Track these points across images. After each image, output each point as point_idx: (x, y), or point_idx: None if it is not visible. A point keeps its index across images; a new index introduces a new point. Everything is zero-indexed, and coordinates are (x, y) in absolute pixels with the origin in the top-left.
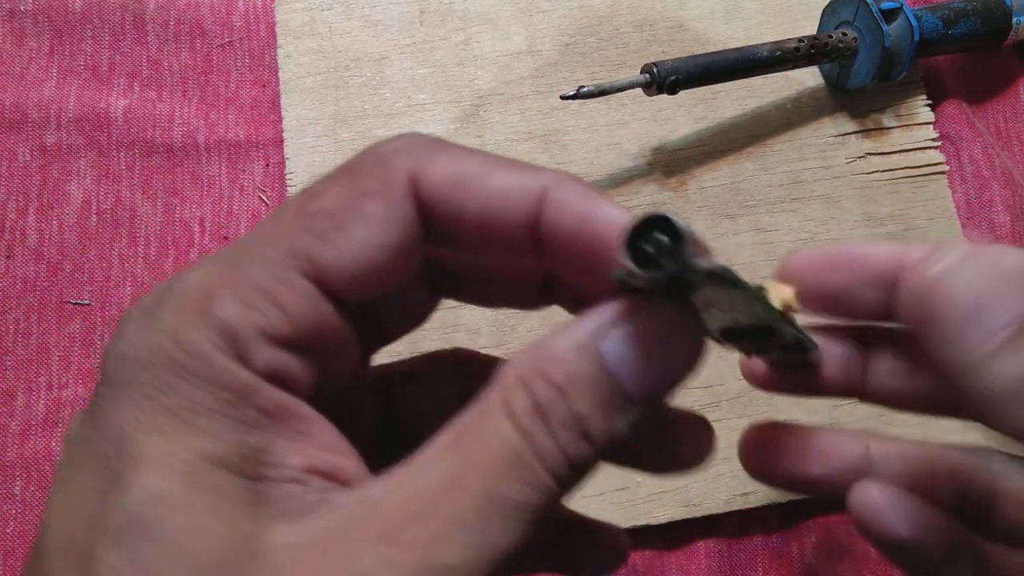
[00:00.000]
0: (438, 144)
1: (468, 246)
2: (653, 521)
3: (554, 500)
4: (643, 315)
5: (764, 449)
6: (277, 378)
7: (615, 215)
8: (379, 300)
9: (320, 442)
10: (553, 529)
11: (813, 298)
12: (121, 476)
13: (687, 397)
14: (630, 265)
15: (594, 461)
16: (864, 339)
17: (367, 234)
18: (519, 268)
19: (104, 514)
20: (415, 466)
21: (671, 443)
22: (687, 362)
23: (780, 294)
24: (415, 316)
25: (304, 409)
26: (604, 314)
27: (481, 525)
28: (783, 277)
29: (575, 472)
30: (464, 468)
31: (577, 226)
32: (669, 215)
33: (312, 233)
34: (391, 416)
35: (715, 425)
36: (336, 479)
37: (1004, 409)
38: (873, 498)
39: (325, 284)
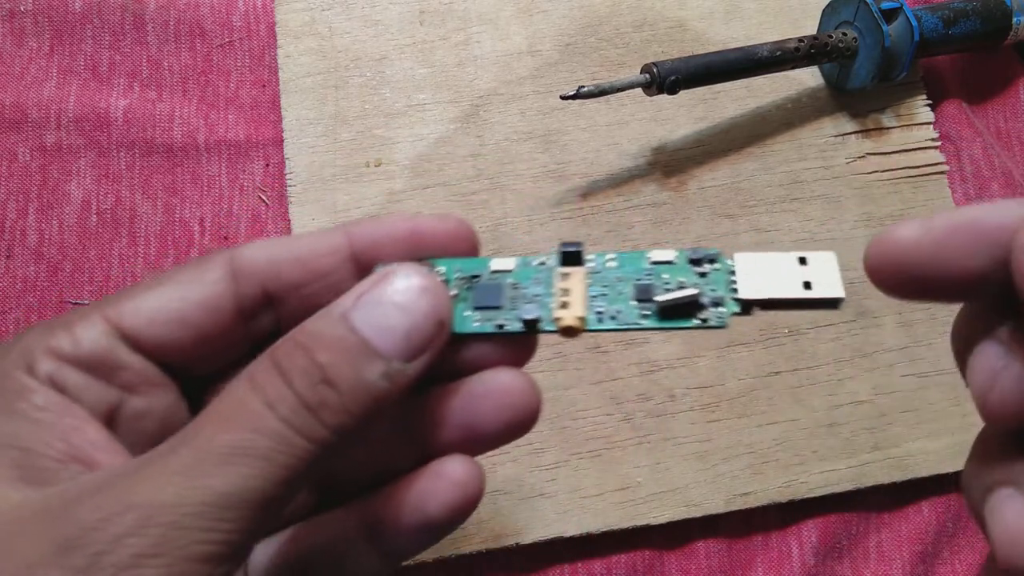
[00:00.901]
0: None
1: (293, 292)
2: (653, 521)
3: (303, 447)
4: (386, 283)
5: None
6: (56, 384)
7: (404, 222)
8: (196, 352)
9: (86, 438)
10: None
11: (920, 281)
12: None
13: (687, 397)
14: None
15: (354, 408)
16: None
17: (168, 291)
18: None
19: None
20: (163, 444)
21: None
22: (433, 318)
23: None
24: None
25: (76, 411)
26: (356, 288)
27: (198, 469)
28: (873, 262)
29: (322, 416)
30: (193, 428)
31: (381, 235)
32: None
33: (121, 295)
34: None
35: (715, 425)
36: (89, 465)
37: None
38: None
39: (121, 326)
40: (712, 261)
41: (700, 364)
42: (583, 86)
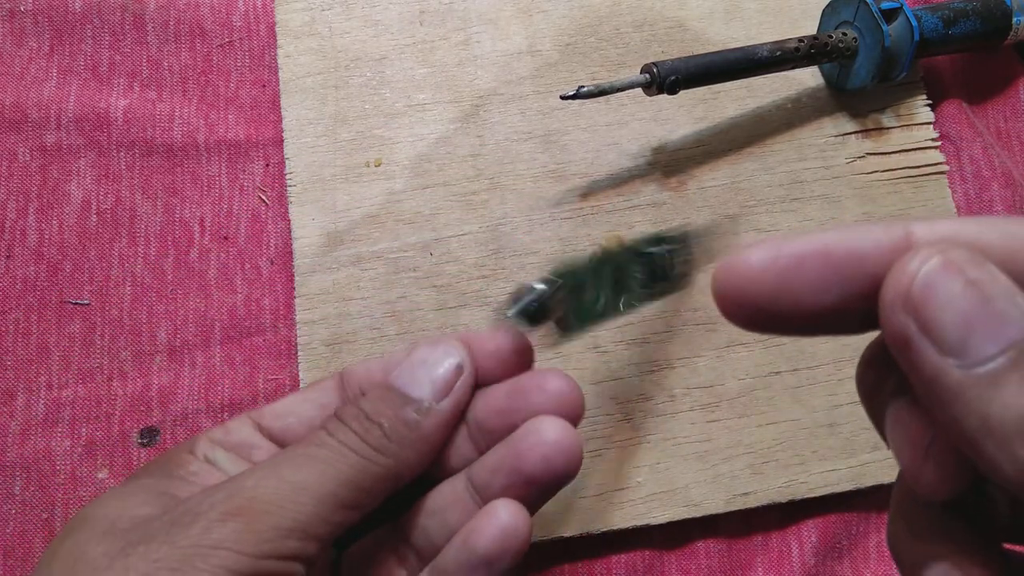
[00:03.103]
0: None
1: None
2: (653, 521)
3: (355, 460)
4: (413, 353)
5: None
6: (208, 460)
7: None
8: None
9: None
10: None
11: (766, 314)
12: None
13: (687, 397)
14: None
15: (390, 435)
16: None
17: (297, 396)
18: None
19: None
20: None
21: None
22: (448, 369)
23: (610, 243)
24: None
25: (219, 476)
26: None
27: (285, 464)
28: (718, 290)
29: (368, 440)
30: (282, 451)
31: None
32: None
33: (270, 405)
34: None
35: (715, 425)
36: None
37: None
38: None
39: (260, 423)
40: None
41: (700, 364)
42: (583, 86)
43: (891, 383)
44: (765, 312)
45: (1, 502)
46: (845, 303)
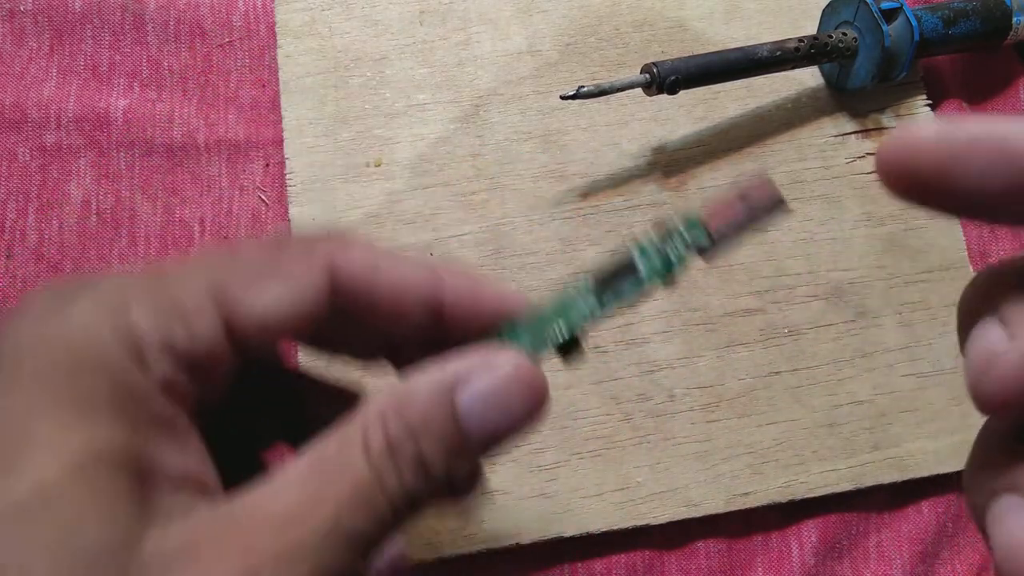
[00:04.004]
0: (352, 237)
1: (375, 320)
2: (653, 521)
3: (388, 529)
4: (496, 372)
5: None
6: (168, 389)
7: (496, 291)
8: (270, 347)
9: (191, 450)
10: None
11: (929, 188)
12: (8, 461)
13: (687, 397)
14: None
15: (429, 497)
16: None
17: (280, 290)
18: (412, 335)
19: None
20: (276, 486)
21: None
22: (528, 420)
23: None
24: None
25: (185, 421)
26: (463, 364)
27: (324, 550)
28: (885, 157)
29: (411, 506)
30: (319, 496)
31: (469, 298)
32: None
33: (235, 276)
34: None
35: (715, 425)
36: (201, 489)
37: None
38: None
39: (233, 324)
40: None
41: (700, 364)
42: (583, 86)
43: (984, 305)
44: (926, 185)
45: None
46: (1010, 193)
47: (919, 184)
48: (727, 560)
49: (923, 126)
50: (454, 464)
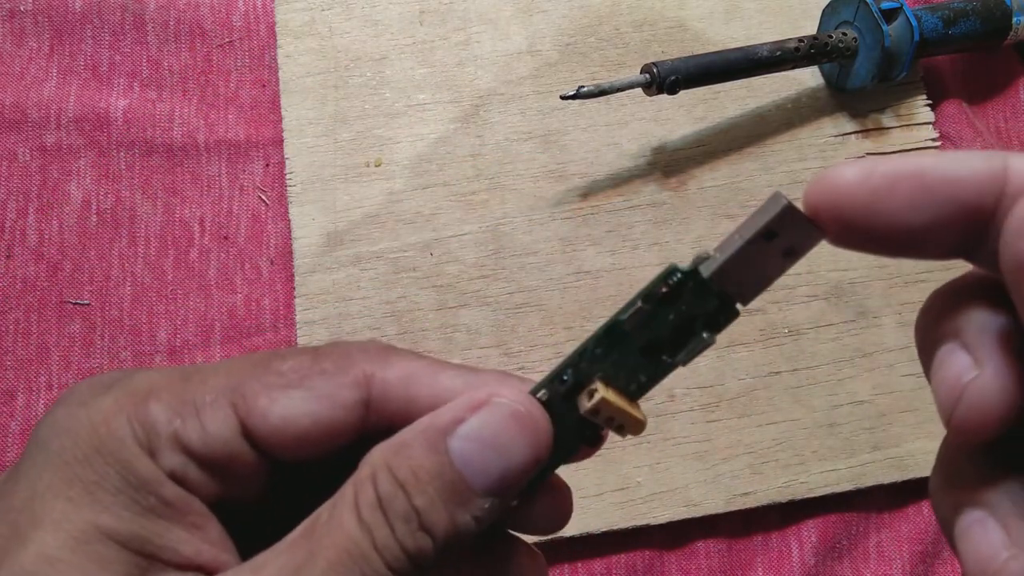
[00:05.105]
0: (392, 349)
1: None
2: (653, 521)
3: None
4: (490, 411)
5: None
6: (177, 479)
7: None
8: (299, 458)
9: (208, 537)
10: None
11: (855, 229)
12: (21, 531)
13: (687, 397)
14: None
15: (442, 550)
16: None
17: (303, 403)
18: None
19: (1, 562)
20: (270, 554)
21: (534, 510)
22: (532, 456)
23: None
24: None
25: (200, 509)
26: (454, 409)
27: None
28: (810, 201)
29: (417, 562)
30: (308, 559)
31: None
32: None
33: (259, 382)
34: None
35: (715, 425)
36: (214, 572)
37: None
38: None
39: (248, 426)
40: (682, 284)
41: (700, 364)
42: (583, 86)
43: (943, 328)
44: (855, 227)
45: None
46: (936, 226)
47: (847, 227)
48: (727, 560)
49: (843, 168)
50: (459, 511)
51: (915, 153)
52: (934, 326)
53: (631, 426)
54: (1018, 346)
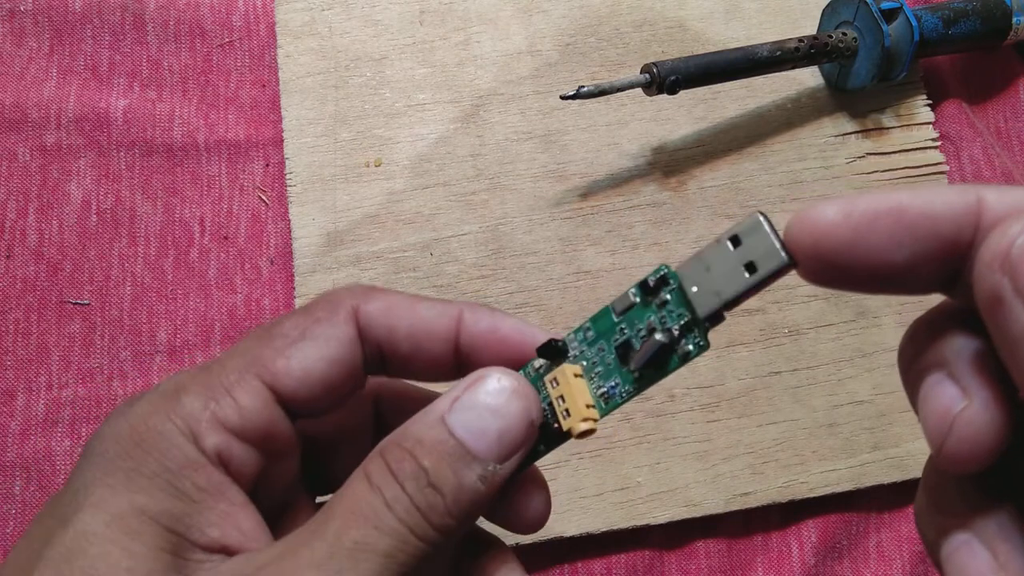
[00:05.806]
0: (374, 287)
1: (401, 361)
2: (653, 521)
3: (416, 545)
4: (482, 383)
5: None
6: (222, 459)
7: (514, 325)
8: (323, 408)
9: (238, 526)
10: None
11: (837, 267)
12: (67, 517)
13: (687, 397)
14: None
15: (454, 511)
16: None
17: (314, 350)
18: (435, 373)
19: (46, 546)
20: (293, 534)
21: (513, 507)
22: (524, 418)
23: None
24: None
25: (234, 493)
26: (450, 395)
27: (330, 565)
28: (790, 237)
29: (430, 519)
30: (322, 521)
31: (488, 333)
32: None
33: (270, 348)
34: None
35: (715, 425)
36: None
37: None
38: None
39: (277, 388)
40: (664, 282)
41: (700, 364)
42: (583, 86)
43: (928, 358)
44: (836, 266)
45: (1, 502)
46: (915, 262)
47: (828, 265)
48: (727, 560)
49: (823, 207)
50: (464, 472)
51: (889, 188)
52: (919, 356)
53: (575, 413)
54: (1002, 374)
